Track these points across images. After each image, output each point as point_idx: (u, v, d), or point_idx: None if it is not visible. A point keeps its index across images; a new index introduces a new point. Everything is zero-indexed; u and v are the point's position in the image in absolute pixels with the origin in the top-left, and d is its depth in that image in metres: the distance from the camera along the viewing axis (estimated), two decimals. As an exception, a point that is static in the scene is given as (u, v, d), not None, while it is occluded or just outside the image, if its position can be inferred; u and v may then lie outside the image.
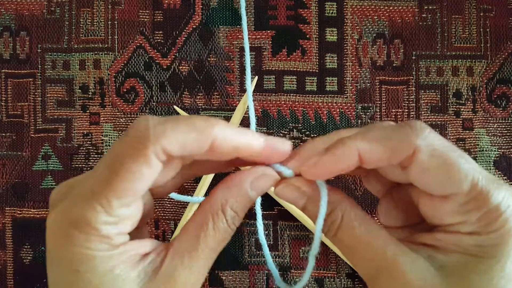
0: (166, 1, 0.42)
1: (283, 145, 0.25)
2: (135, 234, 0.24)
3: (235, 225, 0.25)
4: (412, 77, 0.42)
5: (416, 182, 0.24)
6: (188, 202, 0.41)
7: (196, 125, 0.23)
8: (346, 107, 0.42)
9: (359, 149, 0.23)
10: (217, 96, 0.42)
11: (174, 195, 0.40)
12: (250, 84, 0.40)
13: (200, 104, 0.42)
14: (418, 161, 0.23)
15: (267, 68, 0.42)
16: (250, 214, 0.41)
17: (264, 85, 0.42)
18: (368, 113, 0.42)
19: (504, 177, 0.42)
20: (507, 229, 0.22)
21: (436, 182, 0.23)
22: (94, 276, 0.22)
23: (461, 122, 0.42)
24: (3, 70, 0.42)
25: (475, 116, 0.42)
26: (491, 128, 0.42)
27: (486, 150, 0.42)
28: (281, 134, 0.42)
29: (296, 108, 0.42)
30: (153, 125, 0.22)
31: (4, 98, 0.42)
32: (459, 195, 0.23)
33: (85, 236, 0.22)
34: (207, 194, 0.41)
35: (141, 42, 0.42)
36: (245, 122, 0.42)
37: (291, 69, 0.42)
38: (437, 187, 0.23)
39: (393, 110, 0.42)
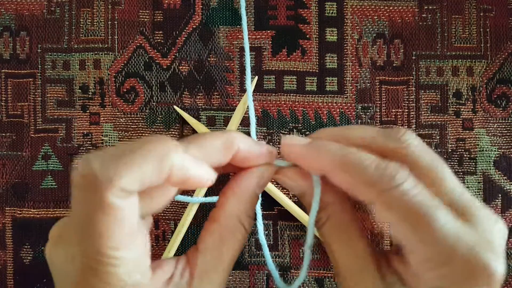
0: (166, 1, 0.42)
1: (259, 148, 0.25)
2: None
3: (251, 227, 0.26)
4: (412, 77, 0.42)
5: (381, 218, 0.24)
6: (188, 202, 0.41)
7: (151, 154, 0.21)
8: (346, 107, 0.42)
9: (323, 169, 0.24)
10: (217, 96, 0.42)
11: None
12: (250, 84, 0.40)
13: (200, 104, 0.42)
14: (377, 210, 0.22)
15: (267, 68, 0.42)
16: (250, 214, 0.41)
17: (264, 85, 0.42)
18: (368, 113, 0.42)
19: (504, 177, 0.42)
20: None
21: (395, 234, 0.22)
22: None
23: (461, 122, 0.42)
24: (3, 70, 0.42)
25: (475, 116, 0.42)
26: (491, 128, 0.42)
27: (486, 150, 0.42)
28: (281, 134, 0.42)
29: (296, 108, 0.42)
30: (100, 168, 0.20)
31: (4, 98, 0.42)
32: (419, 253, 0.22)
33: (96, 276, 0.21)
34: (207, 194, 0.41)
35: (141, 42, 0.42)
36: (245, 122, 0.42)
37: (291, 69, 0.42)
38: (401, 240, 0.22)
39: (393, 110, 0.42)
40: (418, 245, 0.22)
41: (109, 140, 0.42)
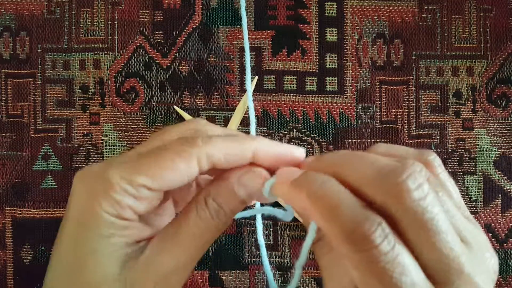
0: (166, 1, 0.42)
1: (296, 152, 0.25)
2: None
3: (219, 220, 0.25)
4: (412, 77, 0.42)
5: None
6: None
7: (239, 138, 0.24)
8: (346, 107, 0.42)
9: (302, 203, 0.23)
10: (217, 96, 0.42)
11: None
12: (250, 84, 0.40)
13: (200, 104, 0.42)
14: (345, 261, 0.22)
15: (267, 68, 0.42)
16: (250, 214, 0.41)
17: (264, 85, 0.42)
18: (368, 113, 0.42)
19: (504, 177, 0.42)
20: None
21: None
22: (91, 234, 0.23)
23: (461, 122, 0.42)
24: (3, 70, 0.42)
25: (475, 116, 0.42)
26: (491, 128, 0.42)
27: (486, 150, 0.42)
28: (281, 134, 0.42)
29: (296, 108, 0.42)
30: (203, 133, 0.24)
31: (4, 98, 0.42)
32: None
33: (102, 191, 0.23)
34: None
35: (141, 42, 0.42)
36: (245, 122, 0.42)
37: (291, 69, 0.42)
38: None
39: (393, 110, 0.42)
40: None
41: (109, 140, 0.42)
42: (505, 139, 0.42)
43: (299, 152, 0.25)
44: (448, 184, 0.23)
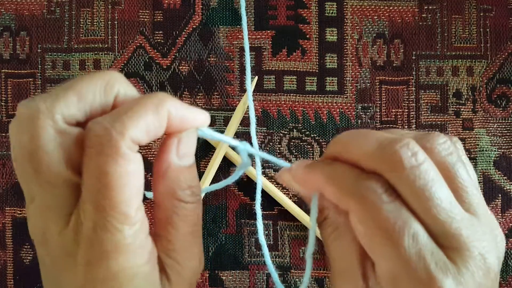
0: (166, 1, 0.42)
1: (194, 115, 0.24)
2: None
3: (196, 195, 0.24)
4: (412, 77, 0.42)
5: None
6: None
7: (150, 105, 0.21)
8: (346, 107, 0.42)
9: (318, 183, 0.24)
10: (217, 96, 0.42)
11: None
12: (250, 84, 0.40)
13: (200, 104, 0.42)
14: (350, 219, 0.23)
15: (267, 68, 0.42)
16: (250, 214, 0.41)
17: (264, 85, 0.42)
18: (368, 113, 0.42)
19: (504, 177, 0.42)
20: None
21: (363, 245, 0.23)
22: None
23: (461, 122, 0.42)
24: (3, 70, 0.42)
25: (475, 116, 0.42)
26: (491, 128, 0.42)
27: (486, 150, 0.42)
28: (281, 134, 0.42)
29: (296, 108, 0.42)
30: (109, 121, 0.21)
31: (4, 98, 0.42)
32: (381, 266, 0.22)
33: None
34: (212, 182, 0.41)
35: (141, 42, 0.42)
36: (245, 122, 0.42)
37: (291, 69, 0.42)
38: (369, 252, 0.23)
39: (393, 110, 0.42)
40: (379, 260, 0.22)
41: (109, 140, 0.42)
42: (505, 139, 0.42)
43: (203, 117, 0.24)
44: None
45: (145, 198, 0.42)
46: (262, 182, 0.40)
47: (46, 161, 0.21)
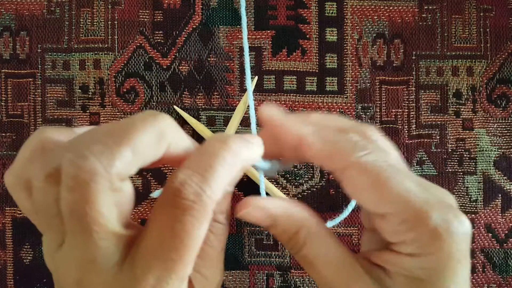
0: (166, 1, 0.42)
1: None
2: None
3: (229, 219, 0.26)
4: (412, 77, 0.42)
5: (351, 195, 0.24)
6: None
7: (230, 165, 0.22)
8: (346, 107, 0.42)
9: (301, 134, 0.24)
10: (217, 96, 0.42)
11: None
12: (251, 84, 0.40)
13: (200, 104, 0.42)
14: (347, 176, 0.23)
15: (267, 68, 0.42)
16: (250, 214, 0.41)
17: (264, 85, 0.42)
18: (368, 113, 0.42)
19: (504, 177, 0.42)
20: (446, 252, 0.22)
21: (366, 201, 0.23)
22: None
23: (461, 122, 0.42)
24: (3, 70, 0.42)
25: (475, 116, 0.42)
26: (491, 128, 0.42)
27: (486, 150, 0.42)
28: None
29: (296, 108, 0.42)
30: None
31: (4, 98, 0.42)
32: (393, 215, 0.22)
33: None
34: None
35: (141, 42, 0.42)
36: (245, 122, 0.42)
37: (291, 69, 0.42)
38: (368, 206, 0.23)
39: (393, 110, 0.42)
40: (388, 206, 0.22)
41: (109, 140, 0.42)
42: (505, 139, 0.42)
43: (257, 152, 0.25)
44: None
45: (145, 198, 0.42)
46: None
47: (98, 222, 0.20)
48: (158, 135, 0.21)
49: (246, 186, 0.41)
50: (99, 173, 0.19)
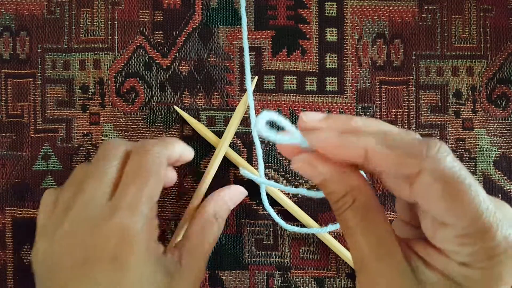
0: (166, 1, 0.42)
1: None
2: None
3: (221, 229, 0.37)
4: (412, 77, 0.42)
5: (418, 201, 0.23)
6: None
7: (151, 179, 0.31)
8: (346, 107, 0.42)
9: (367, 148, 0.23)
10: (217, 96, 0.42)
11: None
12: (250, 84, 0.40)
13: (200, 104, 0.42)
14: (421, 182, 0.22)
15: (267, 68, 0.42)
16: (250, 214, 0.41)
17: (264, 85, 0.42)
18: (368, 113, 0.42)
19: (504, 177, 0.42)
20: (497, 271, 0.22)
21: (436, 208, 0.22)
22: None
23: (461, 122, 0.42)
24: (3, 70, 0.42)
25: (475, 116, 0.42)
26: (491, 128, 0.42)
27: (486, 150, 0.42)
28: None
29: (296, 108, 0.42)
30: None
31: (4, 98, 0.42)
32: (457, 226, 0.22)
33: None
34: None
35: (141, 42, 0.42)
36: (245, 122, 0.42)
37: (291, 69, 0.42)
38: (436, 213, 0.23)
39: (393, 110, 0.42)
40: (456, 219, 0.22)
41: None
42: (505, 139, 0.42)
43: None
44: None
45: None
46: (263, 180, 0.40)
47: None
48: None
49: (246, 187, 0.41)
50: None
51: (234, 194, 0.39)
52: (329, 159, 0.24)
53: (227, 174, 0.41)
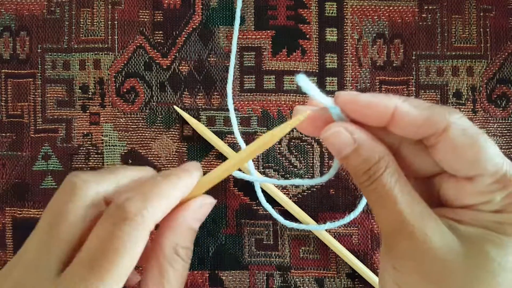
0: (166, 1, 0.42)
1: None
2: None
3: (190, 258, 0.26)
4: (412, 77, 0.42)
5: (443, 160, 0.24)
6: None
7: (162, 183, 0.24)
8: (346, 107, 0.42)
9: (396, 105, 0.24)
10: (217, 96, 0.42)
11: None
12: (231, 86, 0.40)
13: (200, 104, 0.42)
14: (449, 137, 0.23)
15: (267, 68, 0.42)
16: (250, 214, 0.41)
17: (264, 85, 0.42)
18: (368, 113, 0.42)
19: (504, 177, 0.42)
20: None
21: (464, 161, 0.23)
22: None
23: (461, 122, 0.42)
24: (3, 70, 0.42)
25: (475, 116, 0.42)
26: (491, 128, 0.42)
27: (486, 150, 0.42)
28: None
29: (296, 108, 0.42)
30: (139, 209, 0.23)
31: (4, 98, 0.42)
32: (484, 176, 0.23)
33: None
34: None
35: (141, 42, 0.42)
36: (245, 122, 0.42)
37: (291, 69, 0.42)
38: (464, 167, 0.24)
39: (393, 110, 0.42)
40: (483, 167, 0.23)
41: (109, 140, 0.42)
42: (505, 139, 0.42)
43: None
44: None
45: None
46: (260, 180, 0.40)
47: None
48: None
49: (246, 187, 0.41)
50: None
51: (198, 210, 0.27)
52: (360, 128, 0.25)
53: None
